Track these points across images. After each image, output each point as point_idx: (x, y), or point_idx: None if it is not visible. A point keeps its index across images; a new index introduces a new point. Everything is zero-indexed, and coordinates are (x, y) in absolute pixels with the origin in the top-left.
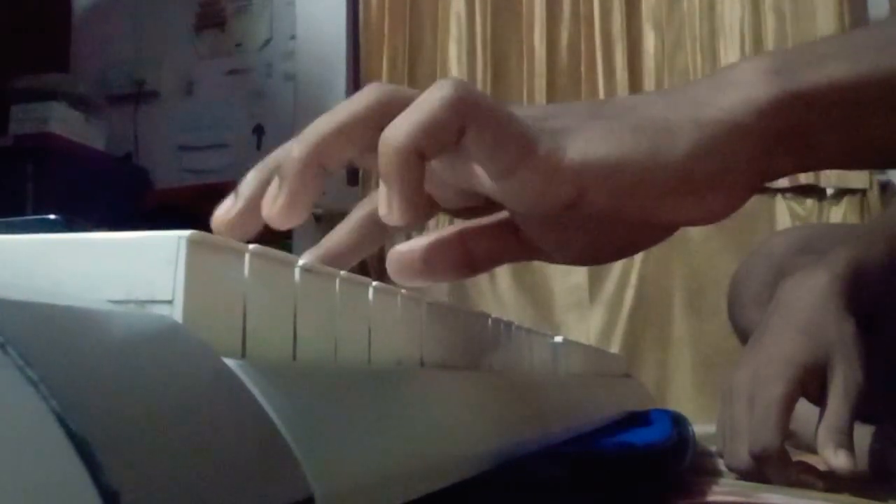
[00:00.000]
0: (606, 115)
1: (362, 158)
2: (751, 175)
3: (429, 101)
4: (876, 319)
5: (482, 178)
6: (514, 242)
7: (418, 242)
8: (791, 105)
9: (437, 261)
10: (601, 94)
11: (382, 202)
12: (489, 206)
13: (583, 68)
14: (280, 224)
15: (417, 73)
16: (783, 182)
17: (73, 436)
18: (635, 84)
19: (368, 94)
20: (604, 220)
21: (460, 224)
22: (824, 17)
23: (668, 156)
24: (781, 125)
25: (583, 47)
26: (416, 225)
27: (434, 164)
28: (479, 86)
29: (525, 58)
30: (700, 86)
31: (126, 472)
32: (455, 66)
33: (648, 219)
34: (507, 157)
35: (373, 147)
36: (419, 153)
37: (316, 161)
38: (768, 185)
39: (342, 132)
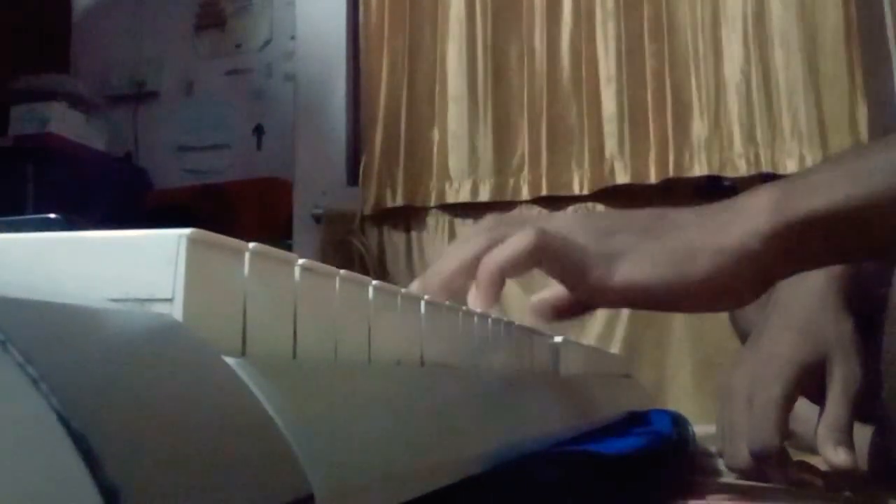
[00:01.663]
0: (652, 237)
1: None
2: (756, 284)
3: (514, 245)
4: (874, 318)
5: None
6: None
7: (548, 293)
8: (786, 233)
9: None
10: (602, 95)
11: (472, 296)
12: None
13: (584, 69)
14: None
15: (417, 73)
16: None
17: (73, 433)
18: (635, 82)
19: (478, 239)
20: None
21: None
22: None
23: (692, 276)
24: (779, 248)
25: (584, 47)
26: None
27: None
28: (480, 86)
29: (525, 58)
30: (724, 213)
31: (126, 469)
32: (455, 66)
33: (677, 311)
34: (568, 280)
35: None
36: (502, 276)
37: (448, 288)
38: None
39: (462, 268)
